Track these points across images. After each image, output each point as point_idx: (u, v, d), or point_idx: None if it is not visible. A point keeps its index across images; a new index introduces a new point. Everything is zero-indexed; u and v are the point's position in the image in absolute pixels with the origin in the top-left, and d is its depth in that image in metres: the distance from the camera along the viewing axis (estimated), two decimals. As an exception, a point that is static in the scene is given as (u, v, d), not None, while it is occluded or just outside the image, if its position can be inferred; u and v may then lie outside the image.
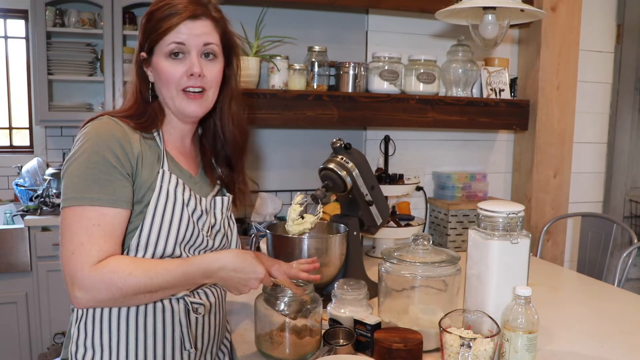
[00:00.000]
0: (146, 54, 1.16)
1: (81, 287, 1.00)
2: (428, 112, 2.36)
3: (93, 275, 1.00)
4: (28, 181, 3.02)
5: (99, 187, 1.04)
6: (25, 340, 2.77)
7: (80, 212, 1.03)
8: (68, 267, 1.01)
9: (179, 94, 1.16)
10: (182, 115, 1.19)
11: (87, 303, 1.02)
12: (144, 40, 1.16)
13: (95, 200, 1.03)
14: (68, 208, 1.04)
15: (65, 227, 1.04)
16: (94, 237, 1.02)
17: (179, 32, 1.12)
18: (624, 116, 2.97)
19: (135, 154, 1.09)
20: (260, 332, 1.28)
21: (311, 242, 1.56)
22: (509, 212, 1.26)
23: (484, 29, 1.66)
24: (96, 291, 1.00)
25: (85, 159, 1.05)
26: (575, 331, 1.50)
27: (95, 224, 1.03)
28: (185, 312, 1.14)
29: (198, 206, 1.18)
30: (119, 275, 1.01)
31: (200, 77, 1.14)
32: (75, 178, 1.04)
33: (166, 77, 1.14)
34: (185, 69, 1.14)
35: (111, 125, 1.09)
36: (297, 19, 2.37)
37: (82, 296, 1.00)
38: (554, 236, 2.65)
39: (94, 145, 1.06)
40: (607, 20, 2.88)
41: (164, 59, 1.14)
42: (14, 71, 3.41)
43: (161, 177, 1.12)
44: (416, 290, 1.32)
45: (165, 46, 1.13)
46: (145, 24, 1.16)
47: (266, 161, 2.45)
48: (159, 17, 1.13)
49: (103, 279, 1.00)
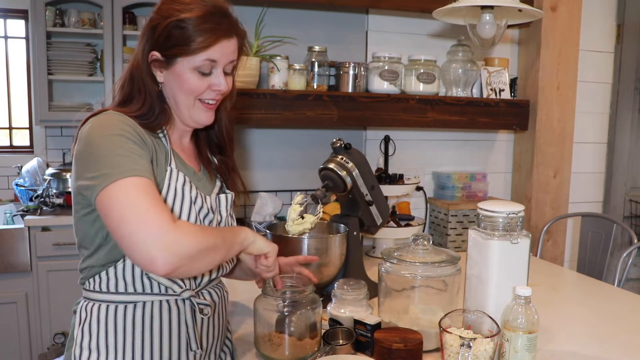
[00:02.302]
0: (162, 57, 1.11)
1: (164, 245, 0.93)
2: (428, 112, 2.36)
3: (176, 229, 0.95)
4: (28, 181, 3.01)
5: (133, 160, 1.00)
6: (25, 340, 2.77)
7: (132, 182, 0.97)
8: (144, 231, 0.94)
9: (196, 104, 1.15)
10: (194, 123, 1.18)
11: (167, 262, 0.94)
12: (166, 45, 1.09)
13: (138, 170, 0.99)
14: (112, 184, 0.96)
15: (119, 200, 0.96)
16: (157, 200, 0.98)
17: (214, 50, 1.10)
18: (624, 116, 2.97)
19: (148, 143, 1.08)
20: (260, 334, 1.28)
21: (311, 242, 1.56)
22: (509, 212, 1.26)
23: (482, 29, 1.66)
24: (179, 245, 0.95)
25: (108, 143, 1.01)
26: (575, 331, 1.50)
27: (150, 192, 0.98)
28: (192, 312, 1.14)
29: (204, 204, 1.18)
30: (194, 228, 1.01)
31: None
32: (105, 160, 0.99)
33: (189, 88, 1.12)
34: (209, 84, 1.13)
35: (121, 117, 1.08)
36: (297, 19, 2.37)
37: (162, 255, 0.93)
38: (554, 236, 2.65)
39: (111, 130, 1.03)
40: (607, 20, 2.88)
41: (190, 71, 1.11)
42: (14, 71, 3.40)
43: (169, 175, 1.12)
44: (416, 290, 1.31)
45: (198, 61, 1.09)
46: (172, 29, 1.08)
47: (266, 161, 2.44)
48: (195, 30, 1.07)
49: (185, 232, 0.96)
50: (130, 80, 1.15)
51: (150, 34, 1.11)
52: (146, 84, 1.13)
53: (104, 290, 1.11)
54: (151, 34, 1.11)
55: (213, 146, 1.31)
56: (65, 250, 2.68)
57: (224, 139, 1.31)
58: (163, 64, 1.12)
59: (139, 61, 1.14)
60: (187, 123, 1.19)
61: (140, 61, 1.13)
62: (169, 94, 1.16)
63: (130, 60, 1.17)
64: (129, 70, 1.16)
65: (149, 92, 1.14)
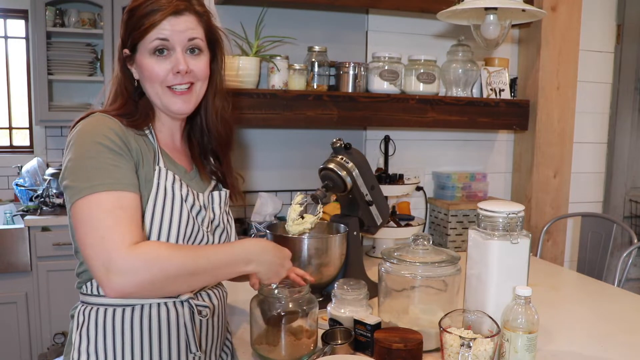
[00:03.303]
0: (129, 51, 1.14)
1: (119, 271, 0.93)
2: (428, 112, 2.36)
3: (132, 256, 0.94)
4: (28, 181, 3.02)
5: (107, 173, 1.00)
6: (25, 340, 2.77)
7: (97, 199, 0.97)
8: (100, 255, 0.94)
9: (165, 91, 1.14)
10: (170, 112, 1.18)
11: (125, 288, 0.94)
12: (126, 37, 1.13)
13: (108, 185, 0.99)
14: (80, 200, 0.98)
15: (84, 218, 0.97)
16: (121, 219, 0.97)
17: (162, 28, 1.10)
18: (624, 116, 2.97)
19: (133, 147, 1.08)
20: (256, 334, 1.28)
21: (311, 242, 1.56)
22: (509, 212, 1.26)
23: (486, 29, 1.66)
24: (135, 273, 0.94)
25: (86, 152, 1.02)
26: (575, 331, 1.50)
27: (118, 207, 0.98)
28: (190, 315, 1.13)
29: (196, 202, 1.17)
30: (159, 254, 0.96)
31: (188, 73, 1.14)
32: (80, 171, 1.01)
33: (150, 74, 1.13)
34: (171, 66, 1.12)
35: (106, 120, 1.08)
36: (297, 19, 2.37)
37: (120, 280, 0.93)
38: (554, 236, 2.65)
39: (92, 137, 1.04)
40: (607, 20, 2.88)
41: (148, 56, 1.12)
42: (14, 71, 3.41)
43: (158, 174, 1.11)
44: (416, 290, 1.31)
45: (149, 43, 1.11)
46: (127, 21, 1.13)
47: (266, 161, 2.44)
48: (141, 14, 1.10)
49: (143, 259, 0.94)
50: (116, 80, 1.18)
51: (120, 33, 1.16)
52: (124, 82, 1.17)
53: (101, 294, 1.10)
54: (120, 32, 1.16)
55: (208, 152, 1.30)
56: (65, 250, 2.68)
57: (217, 147, 1.29)
58: (131, 59, 1.15)
59: (117, 60, 1.18)
60: (166, 114, 1.19)
61: (117, 60, 1.18)
62: (144, 88, 1.17)
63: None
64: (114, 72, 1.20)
65: (127, 90, 1.17)
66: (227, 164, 1.33)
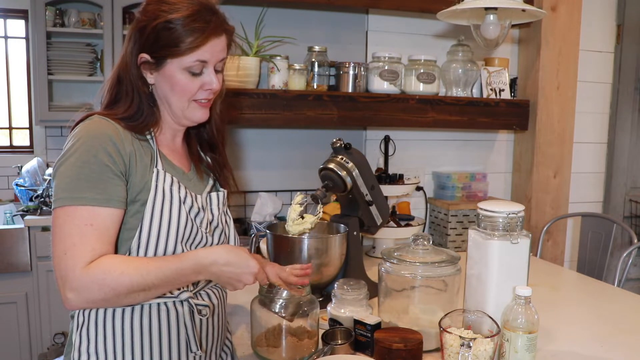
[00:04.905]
0: (152, 59, 1.10)
1: (72, 289, 0.98)
2: (428, 112, 2.36)
3: (85, 276, 0.98)
4: (28, 181, 3.01)
5: (91, 186, 1.02)
6: (25, 340, 2.77)
7: (73, 212, 1.01)
8: (59, 268, 0.99)
9: (191, 104, 1.15)
10: (188, 121, 1.18)
11: (79, 304, 1.00)
12: (155, 47, 1.08)
13: (87, 199, 1.01)
14: (60, 208, 1.02)
15: (57, 228, 1.02)
16: (87, 237, 1.00)
17: (204, 51, 1.09)
18: (624, 116, 2.97)
19: (128, 152, 1.07)
20: (257, 335, 1.28)
21: (311, 242, 1.56)
22: (509, 212, 1.26)
23: (486, 29, 1.66)
24: (88, 292, 0.98)
25: (77, 159, 1.03)
26: (575, 331, 1.50)
27: (88, 224, 1.01)
28: (190, 314, 1.14)
29: (195, 203, 1.17)
30: (110, 274, 0.99)
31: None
32: (67, 178, 1.02)
33: (183, 89, 1.12)
34: (201, 83, 1.13)
35: (103, 124, 1.07)
36: (297, 19, 2.37)
37: (74, 297, 0.98)
38: (554, 236, 2.65)
39: (86, 144, 1.03)
40: (607, 20, 2.88)
41: (180, 72, 1.10)
42: (14, 71, 3.40)
43: (156, 176, 1.11)
44: (416, 290, 1.31)
45: (188, 62, 1.09)
46: (160, 31, 1.07)
47: (266, 161, 2.44)
48: (184, 30, 1.06)
49: (95, 280, 0.98)
50: (118, 82, 1.14)
51: (137, 35, 1.10)
52: (136, 86, 1.13)
53: None
54: (139, 35, 1.10)
55: (204, 144, 1.31)
56: (65, 250, 2.68)
57: (214, 136, 1.30)
58: (153, 66, 1.11)
59: (127, 63, 1.13)
60: (181, 122, 1.19)
61: (128, 63, 1.12)
62: (160, 95, 1.16)
63: (117, 62, 1.16)
64: (116, 72, 1.15)
65: (138, 94, 1.13)
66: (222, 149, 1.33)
